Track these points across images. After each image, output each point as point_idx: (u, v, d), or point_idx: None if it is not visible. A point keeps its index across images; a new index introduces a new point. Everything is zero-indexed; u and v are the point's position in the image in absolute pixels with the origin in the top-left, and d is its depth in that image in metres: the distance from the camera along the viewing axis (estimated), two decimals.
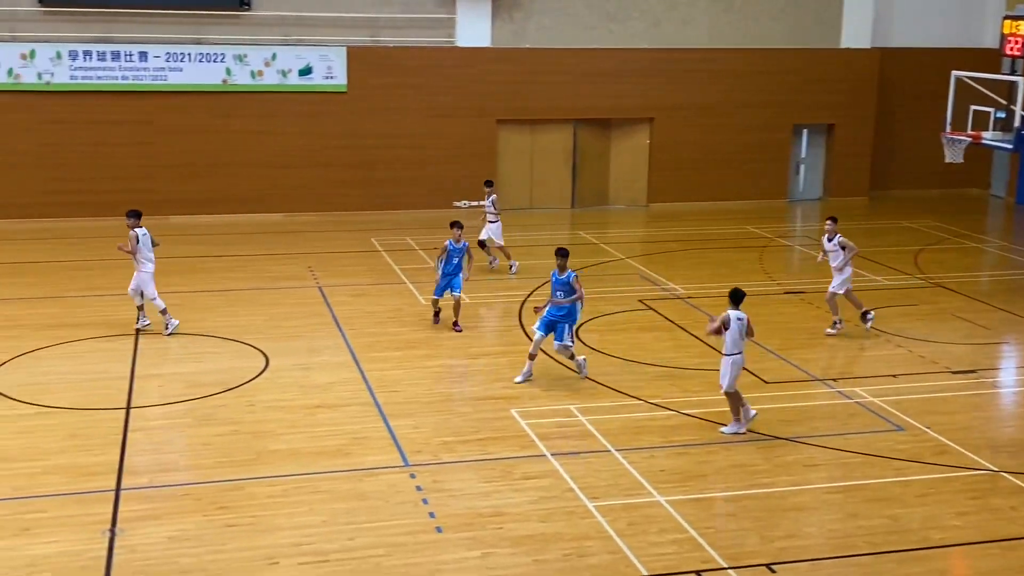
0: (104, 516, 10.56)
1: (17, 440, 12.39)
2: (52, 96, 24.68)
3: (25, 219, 24.70)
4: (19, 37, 24.36)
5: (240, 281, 20.00)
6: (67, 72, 24.63)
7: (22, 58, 24.32)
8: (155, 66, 25.10)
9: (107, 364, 15.15)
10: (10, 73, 24.31)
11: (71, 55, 24.57)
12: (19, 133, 24.69)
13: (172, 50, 25.12)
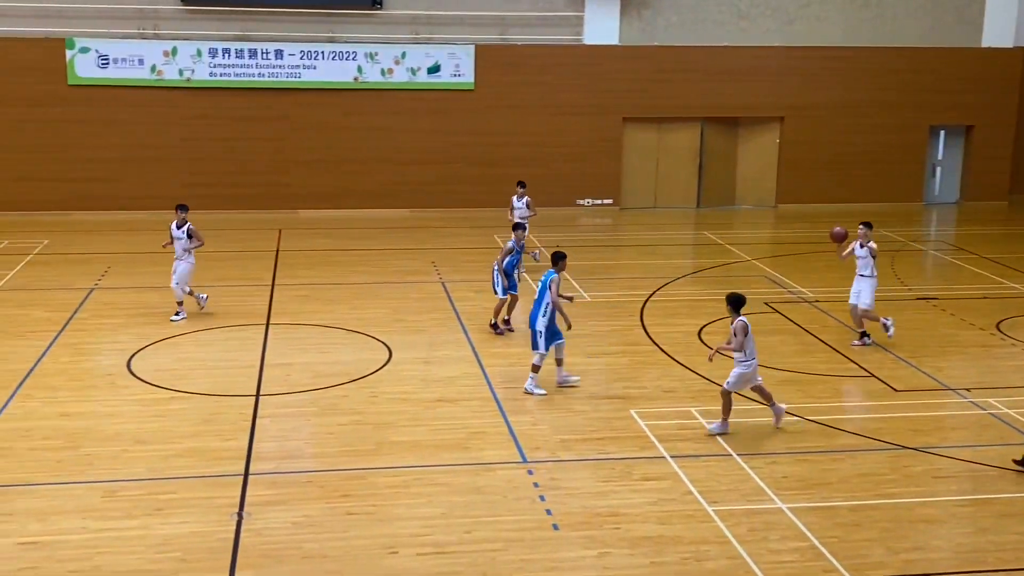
0: (232, 499, 10.89)
1: (153, 423, 12.89)
2: (192, 92, 25.59)
3: (164, 211, 25.61)
4: (162, 35, 25.33)
5: (366, 275, 20.39)
6: (207, 69, 25.50)
7: (165, 55, 25.29)
8: (290, 64, 25.79)
9: (238, 352, 15.62)
10: (153, 70, 25.29)
11: (211, 53, 25.43)
12: (161, 128, 25.67)
13: (307, 48, 25.76)
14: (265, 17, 25.67)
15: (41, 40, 24.79)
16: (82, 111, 25.24)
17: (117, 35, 25.12)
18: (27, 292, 18.45)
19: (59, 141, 25.24)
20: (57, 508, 10.60)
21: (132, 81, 25.27)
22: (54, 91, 25.01)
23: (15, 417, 12.94)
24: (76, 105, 25.19)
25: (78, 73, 25.06)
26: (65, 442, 12.21)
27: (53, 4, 24.74)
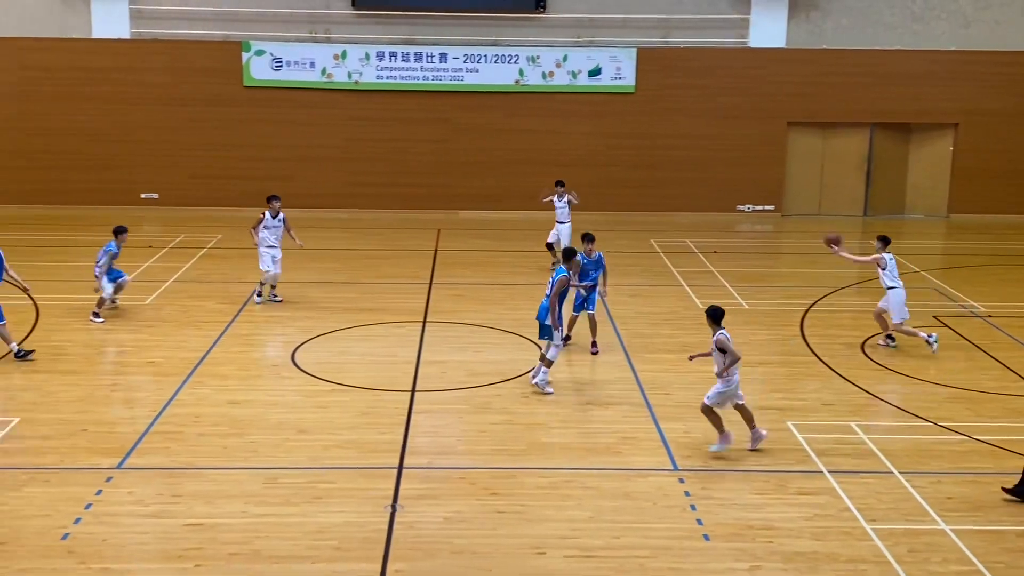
0: (387, 492, 11.13)
1: (315, 414, 13.30)
2: (359, 94, 26.31)
3: (329, 208, 26.48)
4: (333, 39, 26.13)
5: (522, 276, 20.53)
6: (374, 72, 26.19)
7: (335, 58, 26.08)
8: (453, 67, 26.21)
9: (396, 348, 15.96)
10: (323, 72, 26.13)
11: (378, 56, 26.10)
12: (328, 128, 26.50)
13: (470, 51, 26.14)
14: (430, 21, 26.17)
15: (220, 43, 25.93)
16: (255, 111, 26.29)
17: (290, 39, 26.05)
18: (201, 284, 19.31)
19: (233, 140, 26.35)
20: (222, 492, 11.05)
21: (303, 83, 26.17)
22: (230, 92, 26.13)
23: (186, 403, 13.56)
24: (250, 106, 26.26)
25: (253, 75, 26.12)
26: (231, 429, 12.72)
27: (232, 8, 25.84)
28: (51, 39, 25.58)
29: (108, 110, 26.00)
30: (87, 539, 10.01)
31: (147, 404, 13.53)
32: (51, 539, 9.97)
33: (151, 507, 10.69)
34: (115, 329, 16.78)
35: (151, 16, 25.79)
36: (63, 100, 25.87)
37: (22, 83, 25.76)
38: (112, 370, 15.09)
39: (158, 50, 25.85)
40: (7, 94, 25.76)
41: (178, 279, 19.67)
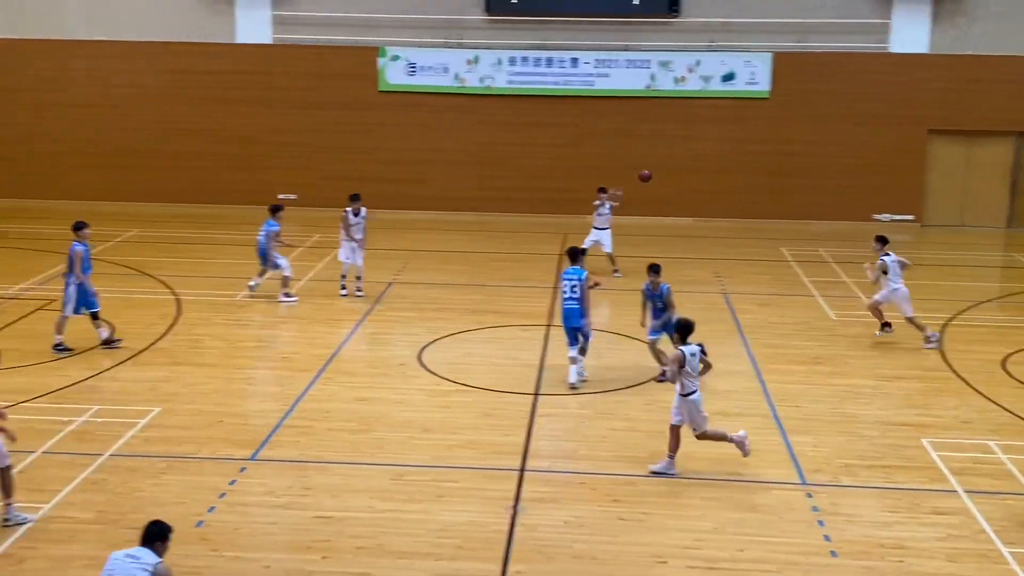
0: (508, 493, 11.20)
1: (439, 413, 13.48)
2: (490, 99, 26.56)
3: (458, 211, 26.80)
4: (466, 44, 26.45)
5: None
6: (505, 77, 26.40)
7: (467, 64, 26.39)
8: (584, 72, 26.23)
9: (521, 351, 16.04)
10: (456, 77, 26.46)
11: (510, 61, 26.30)
12: (459, 133, 26.83)
13: (601, 56, 26.11)
14: (562, 26, 26.23)
15: (357, 49, 26.52)
16: (389, 115, 26.80)
17: (425, 44, 26.48)
18: (334, 283, 19.76)
19: (367, 143, 26.91)
20: (349, 487, 11.30)
21: (436, 88, 26.56)
22: (365, 96, 26.69)
23: (317, 399, 13.91)
24: (385, 110, 26.78)
25: (388, 80, 26.63)
26: (359, 425, 12.99)
27: (369, 15, 26.40)
28: (197, 43, 26.58)
29: (249, 113, 26.87)
30: (220, 527, 10.37)
31: (280, 398, 13.93)
32: (186, 526, 10.35)
33: (282, 499, 11.00)
34: (251, 324, 17.33)
35: (292, 22, 26.55)
36: (207, 103, 26.84)
37: (168, 86, 26.83)
38: (248, 364, 15.58)
39: (298, 55, 26.59)
40: (155, 96, 26.87)
41: (312, 278, 20.19)
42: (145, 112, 26.90)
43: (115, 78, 26.78)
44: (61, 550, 9.87)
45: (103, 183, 26.86)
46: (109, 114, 26.91)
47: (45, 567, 9.58)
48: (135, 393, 13.91)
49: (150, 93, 26.85)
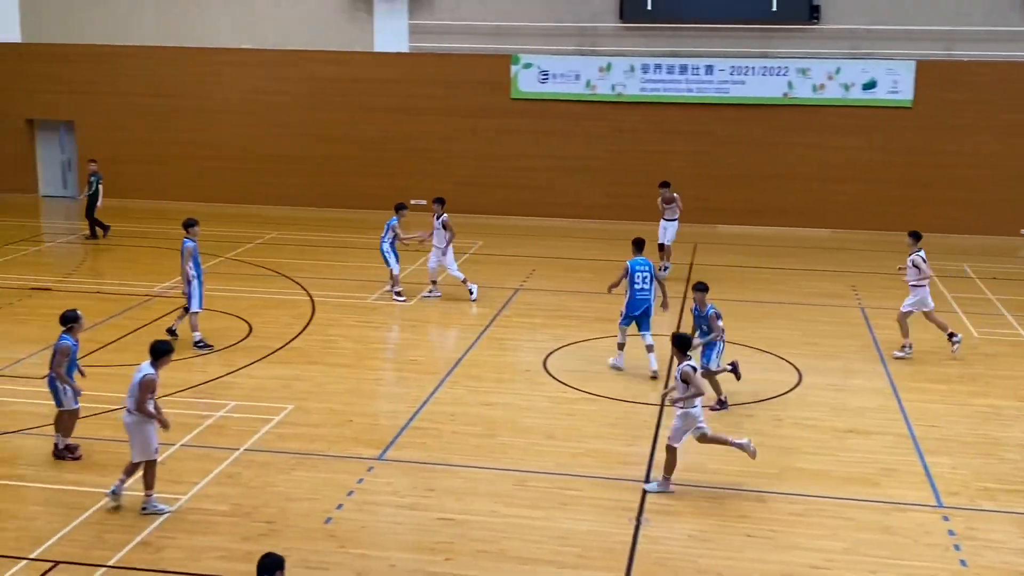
0: (631, 504, 11.11)
1: (563, 421, 13.47)
2: (622, 106, 26.46)
3: (587, 219, 26.76)
4: (599, 51, 26.41)
5: (779, 294, 19.97)
6: (638, 84, 26.26)
7: (599, 71, 26.35)
8: (719, 79, 25.89)
9: (646, 361, 15.88)
10: (588, 84, 26.45)
11: (643, 68, 26.15)
12: (591, 140, 26.80)
13: (737, 63, 25.74)
14: (697, 33, 25.96)
15: (490, 57, 26.78)
16: (520, 123, 26.96)
17: (558, 52, 26.55)
18: (461, 288, 19.97)
19: (498, 150, 27.14)
20: (472, 490, 11.38)
21: (568, 95, 26.60)
22: (498, 103, 26.92)
23: (443, 402, 14.06)
24: (516, 117, 26.95)
25: (520, 87, 26.80)
26: (484, 429, 13.08)
27: (504, 23, 26.63)
28: (337, 52, 27.25)
29: (385, 120, 27.40)
30: (348, 524, 10.57)
31: (407, 400, 14.14)
32: (315, 522, 10.59)
33: (407, 499, 11.15)
34: (381, 327, 17.65)
35: (429, 31, 26.98)
36: (345, 109, 27.49)
37: (311, 93, 27.58)
38: (377, 365, 15.86)
39: (434, 63, 27.00)
40: (298, 104, 27.65)
41: (441, 282, 20.42)
42: (286, 118, 27.70)
43: (259, 85, 27.67)
44: (196, 540, 10.21)
45: (245, 187, 27.78)
46: (252, 120, 27.82)
47: (180, 557, 9.92)
48: (270, 390, 14.31)
49: (291, 100, 27.64)
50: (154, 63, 27.84)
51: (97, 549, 9.98)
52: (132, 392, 10.68)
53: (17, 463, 12.00)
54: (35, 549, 9.95)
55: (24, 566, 9.67)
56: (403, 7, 26.92)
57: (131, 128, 28.14)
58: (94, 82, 28.05)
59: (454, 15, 26.82)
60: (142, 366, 10.75)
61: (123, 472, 10.85)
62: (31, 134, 28.94)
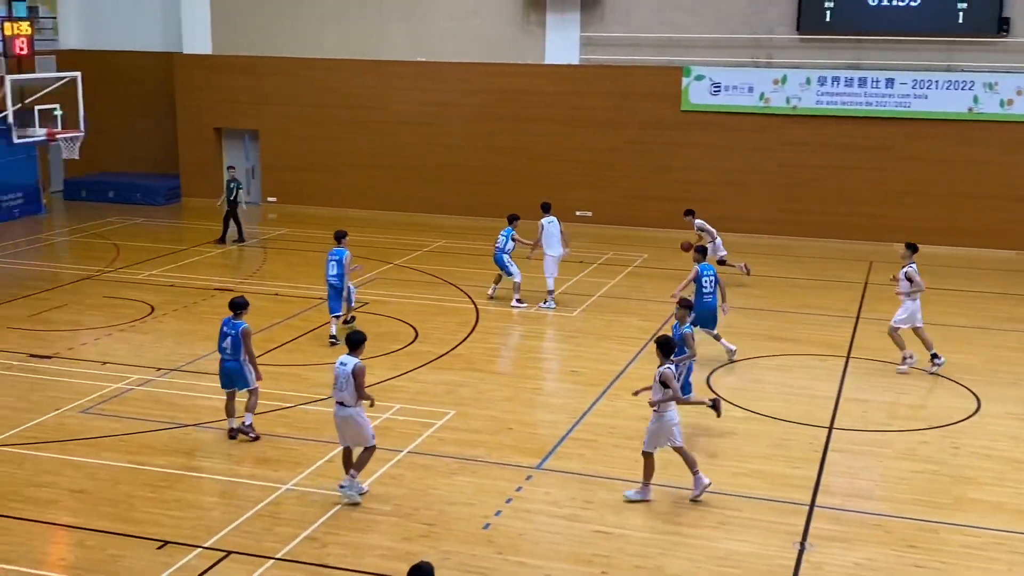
0: (795, 528, 10.81)
1: (727, 439, 13.22)
2: (796, 119, 25.84)
3: (757, 234, 26.22)
4: (773, 64, 25.88)
5: (960, 317, 19.07)
6: (813, 97, 25.60)
7: (774, 83, 25.82)
8: (900, 93, 24.97)
9: (815, 382, 15.46)
10: (761, 97, 25.95)
11: (819, 81, 25.48)
12: (762, 153, 26.27)
13: (920, 77, 24.77)
14: (878, 45, 25.12)
15: (661, 68, 26.61)
16: (690, 135, 26.66)
17: (731, 64, 26.16)
18: (625, 300, 19.90)
19: (666, 163, 26.90)
20: (631, 505, 11.30)
21: (739, 108, 26.17)
22: (668, 116, 26.70)
23: (603, 414, 14.03)
24: (685, 129, 26.68)
25: (691, 99, 26.51)
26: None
27: (676, 35, 26.42)
28: (508, 64, 27.60)
29: (553, 131, 27.56)
30: (506, 531, 10.67)
31: (567, 410, 14.17)
32: (474, 527, 10.73)
33: (565, 509, 11.17)
34: (543, 337, 17.77)
35: (600, 43, 27.02)
36: (514, 121, 27.80)
37: (479, 104, 28.02)
38: (538, 375, 15.96)
39: (603, 75, 27.02)
40: (467, 115, 28.14)
41: (604, 294, 20.41)
42: (456, 129, 28.23)
43: (430, 97, 28.29)
44: (359, 538, 10.50)
45: (415, 196, 28.44)
46: (423, 131, 28.46)
47: (344, 553, 10.22)
48: (433, 395, 14.59)
49: (462, 111, 28.15)
50: (335, 75, 28.83)
51: (267, 541, 10.39)
52: (344, 385, 11.06)
53: (195, 455, 12.62)
54: (209, 538, 10.43)
55: (198, 554, 10.14)
56: (575, 20, 27.06)
57: (312, 138, 29.22)
58: (278, 93, 29.27)
59: (626, 27, 26.79)
60: (344, 359, 11.14)
61: (355, 463, 11.25)
62: (218, 142, 30.41)
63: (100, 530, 10.59)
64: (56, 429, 13.21)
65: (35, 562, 10.03)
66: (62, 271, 21.95)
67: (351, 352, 11.23)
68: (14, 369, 15.51)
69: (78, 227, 26.53)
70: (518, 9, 27.32)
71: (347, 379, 11.06)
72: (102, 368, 15.56)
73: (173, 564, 9.92)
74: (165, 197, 29.44)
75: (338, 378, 11.12)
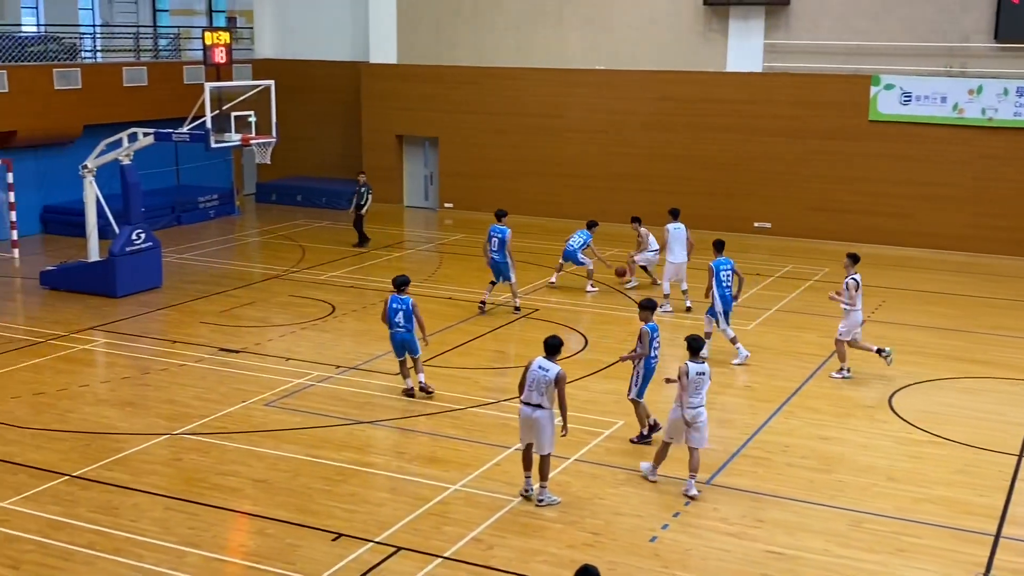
0: (978, 559, 10.27)
1: (908, 463, 12.67)
2: (992, 131, 24.58)
3: (949, 251, 25.07)
4: (968, 73, 24.71)
5: None
6: (1011, 108, 24.30)
7: (969, 94, 24.63)
8: None
9: (1006, 407, 14.67)
10: (955, 107, 24.81)
11: (1018, 91, 24.17)
12: (954, 167, 25.10)
13: None
14: None
15: (848, 77, 25.78)
16: (877, 146, 25.72)
17: (923, 73, 25.12)
18: (803, 315, 19.36)
19: (852, 174, 26.03)
20: (803, 526, 10.97)
21: (931, 119, 25.08)
22: (854, 125, 25.84)
23: (776, 431, 13.68)
24: (872, 140, 25.75)
25: (879, 109, 25.58)
26: (819, 464, 12.57)
27: (864, 43, 25.57)
28: (687, 72, 27.31)
29: (732, 140, 27.11)
30: (672, 545, 10.53)
31: (740, 426, 13.88)
32: (640, 539, 10.64)
33: (734, 527, 10.94)
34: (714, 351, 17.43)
35: (783, 51, 26.42)
36: (691, 129, 27.47)
37: (656, 112, 27.81)
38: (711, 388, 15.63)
39: (787, 83, 26.39)
40: (644, 123, 27.98)
41: (781, 308, 19.91)
42: (633, 137, 28.11)
43: (607, 104, 28.27)
44: (525, 543, 10.56)
45: (587, 203, 28.41)
46: (599, 139, 28.47)
47: (510, 556, 10.30)
48: (601, 404, 14.55)
49: (639, 119, 28.01)
50: (514, 84, 29.19)
51: (435, 539, 10.58)
52: (543, 388, 11.16)
53: (369, 451, 12.98)
54: (381, 533, 10.70)
55: (369, 548, 10.42)
56: (759, 27, 26.54)
57: (489, 145, 29.67)
58: (459, 101, 29.86)
59: (812, 35, 26.09)
60: (544, 363, 11.20)
61: (539, 474, 11.38)
62: (399, 149, 31.25)
63: (279, 519, 11.02)
64: (242, 420, 13.84)
65: (218, 547, 10.52)
66: (252, 270, 23.01)
67: (549, 356, 11.27)
68: (205, 361, 16.34)
69: (267, 229, 27.75)
70: (699, 17, 27.01)
71: (548, 384, 11.13)
72: (285, 364, 16.20)
73: (346, 556, 10.22)
74: (348, 202, 30.41)
75: (536, 381, 11.18)
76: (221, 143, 20.18)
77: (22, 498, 11.43)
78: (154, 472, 12.19)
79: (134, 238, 20.43)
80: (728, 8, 26.58)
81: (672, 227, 19.57)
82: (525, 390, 11.27)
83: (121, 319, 18.72)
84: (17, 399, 14.58)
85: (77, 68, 26.24)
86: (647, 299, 13.54)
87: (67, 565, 10.02)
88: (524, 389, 11.28)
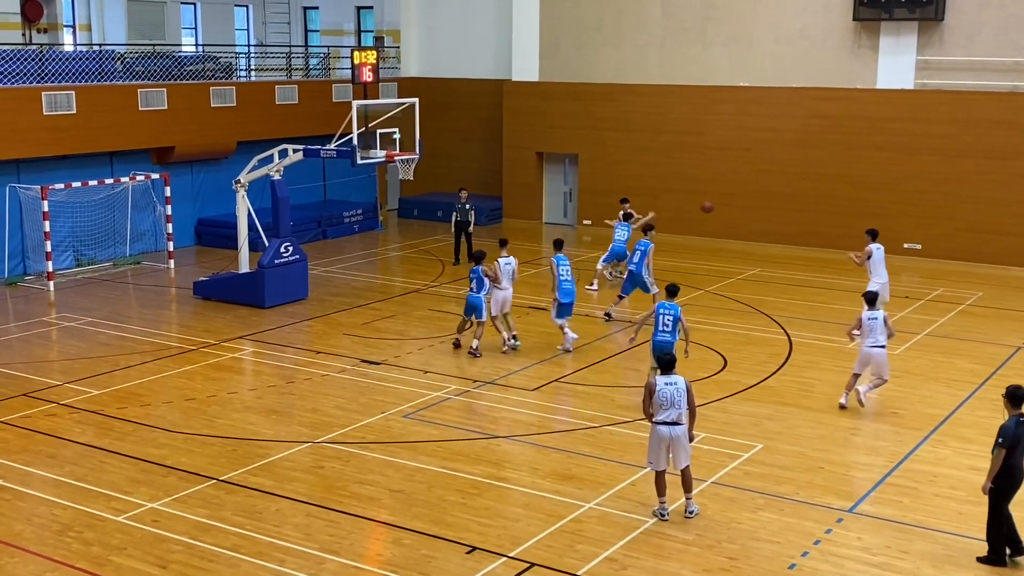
0: None
1: None
2: None
3: None
4: None
5: None
6: None
7: None
8: None
9: None
10: None
11: None
12: None
13: None
14: None
15: (1008, 95, 24.72)
16: None
17: None
18: (954, 341, 18.60)
19: (1011, 195, 24.89)
20: (952, 559, 10.53)
21: None
22: (1014, 145, 24.70)
23: (925, 460, 13.15)
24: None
25: None
26: (969, 495, 12.01)
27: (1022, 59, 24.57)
28: (835, 89, 26.64)
29: (882, 159, 26.29)
30: (812, 573, 10.23)
31: (884, 454, 13.41)
32: (778, 566, 10.36)
33: (878, 557, 10.56)
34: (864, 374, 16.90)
35: (937, 67, 25.52)
36: (839, 147, 26.77)
37: (804, 130, 27.21)
38: (854, 413, 15.20)
39: (942, 101, 25.46)
40: (789, 141, 27.41)
41: (931, 333, 19.18)
42: (777, 155, 27.57)
43: (751, 122, 27.81)
44: (659, 564, 10.42)
45: (731, 222, 28.03)
46: (743, 157, 28.02)
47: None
48: (740, 426, 14.26)
49: (784, 137, 27.47)
50: (656, 101, 29.01)
51: (568, 557, 10.54)
52: (682, 404, 11.18)
53: (504, 466, 13.04)
54: (514, 548, 10.72)
55: (503, 563, 10.45)
56: (911, 43, 25.71)
57: (630, 162, 29.54)
58: (600, 118, 29.84)
59: (967, 51, 25.13)
60: (670, 379, 11.24)
61: (685, 486, 11.45)
62: (540, 166, 31.42)
63: (415, 530, 11.16)
64: (381, 431, 14.09)
65: (355, 555, 10.72)
66: (393, 283, 23.46)
67: (665, 371, 11.23)
68: (347, 372, 16.71)
69: (409, 243, 28.26)
70: (848, 32, 26.35)
71: (682, 395, 11.14)
72: (423, 376, 16.44)
73: (480, 570, 10.27)
74: (488, 217, 30.72)
75: (672, 397, 11.13)
76: (367, 159, 20.67)
77: (172, 500, 11.89)
78: (296, 479, 12.52)
79: (282, 251, 21.09)
80: (879, 24, 25.85)
81: (874, 247, 18.72)
82: (659, 411, 11.14)
83: (268, 329, 19.33)
84: (169, 404, 15.20)
85: (232, 86, 27.32)
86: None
87: (212, 567, 10.36)
88: (657, 410, 11.16)
